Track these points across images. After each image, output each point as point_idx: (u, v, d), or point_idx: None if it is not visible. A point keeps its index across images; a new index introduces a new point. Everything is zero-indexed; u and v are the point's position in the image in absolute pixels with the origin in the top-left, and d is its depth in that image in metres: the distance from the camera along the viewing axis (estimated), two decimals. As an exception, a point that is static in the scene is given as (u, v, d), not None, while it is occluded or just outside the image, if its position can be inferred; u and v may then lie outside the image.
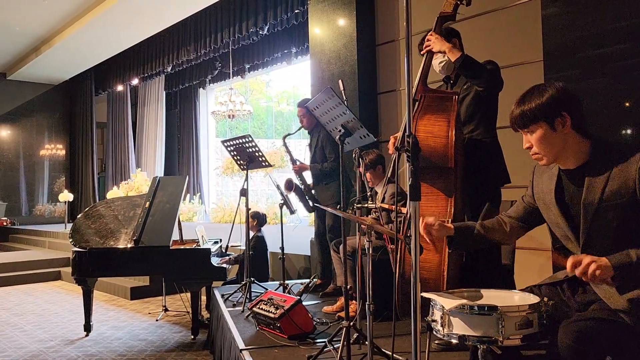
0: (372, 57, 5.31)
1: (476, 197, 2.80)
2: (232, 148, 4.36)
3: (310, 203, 4.60)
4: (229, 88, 11.10)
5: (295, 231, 7.40)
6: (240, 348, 2.98)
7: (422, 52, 2.71)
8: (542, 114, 1.72)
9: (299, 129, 4.78)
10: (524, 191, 3.20)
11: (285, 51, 9.99)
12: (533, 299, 1.64)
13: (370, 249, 2.25)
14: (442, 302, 1.60)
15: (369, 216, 3.27)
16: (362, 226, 3.15)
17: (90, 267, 4.77)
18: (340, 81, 3.09)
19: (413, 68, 5.39)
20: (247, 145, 4.23)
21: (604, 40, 3.49)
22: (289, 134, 4.74)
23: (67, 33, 10.30)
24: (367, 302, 2.12)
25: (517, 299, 1.69)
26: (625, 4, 3.41)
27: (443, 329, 1.59)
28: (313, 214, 5.03)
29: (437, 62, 2.88)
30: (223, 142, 4.44)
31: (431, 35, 2.65)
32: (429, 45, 2.63)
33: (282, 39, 9.81)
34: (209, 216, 12.60)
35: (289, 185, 4.58)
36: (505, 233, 2.00)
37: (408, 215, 1.69)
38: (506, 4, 4.25)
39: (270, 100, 18.95)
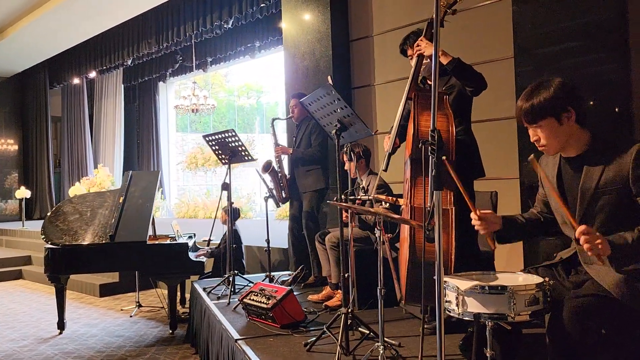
0: (346, 53, 5.40)
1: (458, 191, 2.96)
2: (213, 142, 4.38)
3: (283, 194, 4.65)
4: (192, 82, 10.96)
5: (272, 224, 7.42)
6: (235, 338, 3.04)
7: (414, 55, 2.85)
8: (550, 110, 1.86)
9: (288, 117, 4.85)
10: (491, 182, 3.39)
11: (249, 45, 9.93)
12: (537, 279, 1.79)
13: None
14: (457, 284, 1.72)
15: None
16: (368, 216, 3.26)
17: (64, 264, 4.71)
18: (329, 77, 3.17)
19: (389, 65, 5.44)
20: (229, 139, 4.27)
21: (563, 37, 3.67)
22: (278, 118, 4.85)
23: (21, 24, 9.91)
24: (379, 287, 2.23)
25: (521, 279, 1.84)
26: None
27: (458, 308, 1.72)
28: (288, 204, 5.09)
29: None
30: (205, 136, 4.45)
31: (421, 40, 2.81)
32: (421, 50, 2.79)
33: (245, 33, 9.74)
34: (172, 212, 12.45)
35: (267, 166, 4.61)
36: (542, 223, 2.11)
37: (430, 205, 1.79)
38: (479, 2, 4.41)
39: (231, 94, 18.76)
